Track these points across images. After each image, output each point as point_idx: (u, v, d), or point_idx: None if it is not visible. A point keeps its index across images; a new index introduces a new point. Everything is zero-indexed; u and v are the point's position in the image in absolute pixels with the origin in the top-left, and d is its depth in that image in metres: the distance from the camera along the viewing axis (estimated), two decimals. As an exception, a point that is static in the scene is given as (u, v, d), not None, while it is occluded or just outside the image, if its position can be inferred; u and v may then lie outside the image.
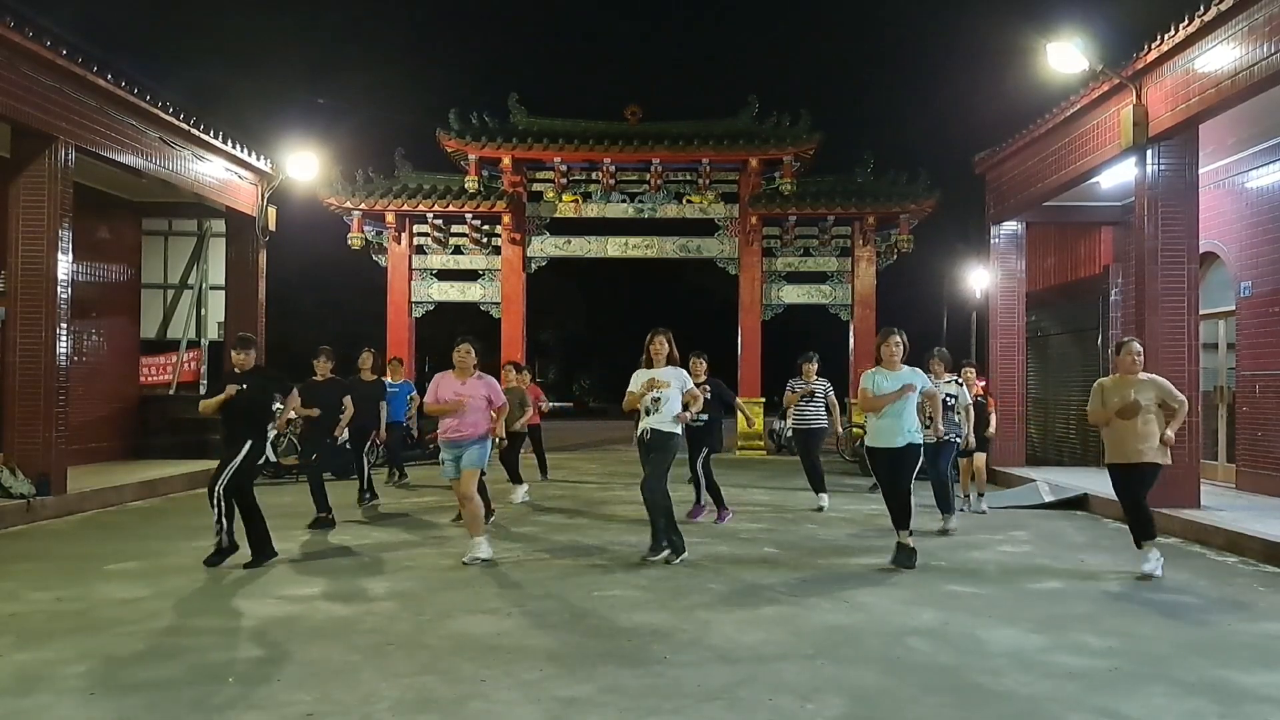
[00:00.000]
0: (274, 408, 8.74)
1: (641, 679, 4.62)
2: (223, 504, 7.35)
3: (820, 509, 10.59)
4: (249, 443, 7.42)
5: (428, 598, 6.32)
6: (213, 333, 16.37)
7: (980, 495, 10.87)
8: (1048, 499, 11.16)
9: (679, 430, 7.72)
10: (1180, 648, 5.25)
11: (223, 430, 7.70)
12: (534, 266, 19.40)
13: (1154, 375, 7.40)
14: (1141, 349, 7.36)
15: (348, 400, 9.91)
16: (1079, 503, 11.03)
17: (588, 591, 6.53)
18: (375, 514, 10.41)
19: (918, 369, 7.72)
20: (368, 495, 10.96)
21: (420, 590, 6.55)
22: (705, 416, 9.43)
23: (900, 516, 7.47)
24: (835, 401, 10.88)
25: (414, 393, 13.58)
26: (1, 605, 6.09)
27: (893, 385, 7.42)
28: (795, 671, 4.76)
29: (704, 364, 9.86)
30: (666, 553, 7.53)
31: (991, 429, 11.54)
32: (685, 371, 7.91)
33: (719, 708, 4.25)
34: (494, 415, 7.85)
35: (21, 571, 7.20)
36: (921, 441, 7.56)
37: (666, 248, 19.37)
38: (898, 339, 7.59)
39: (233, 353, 7.76)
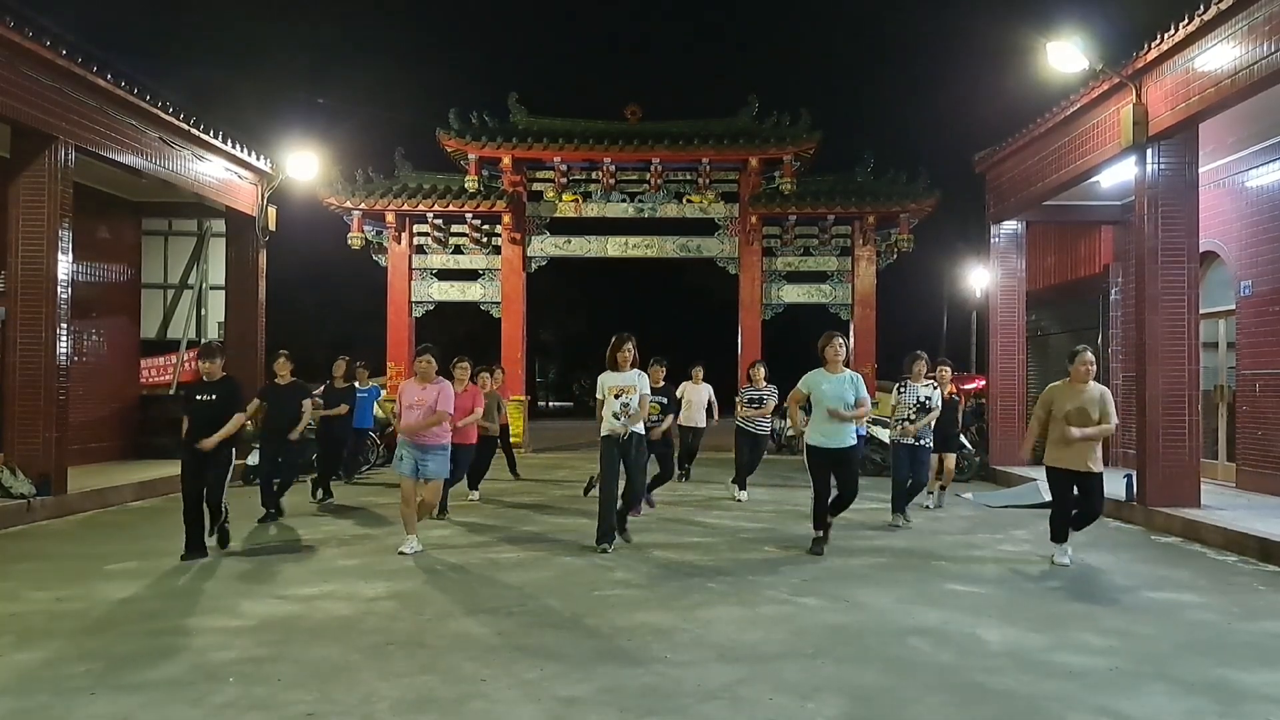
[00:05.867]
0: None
1: (641, 679, 4.62)
2: (226, 509, 7.99)
3: (736, 499, 11.40)
4: (232, 450, 7.88)
5: (428, 598, 6.32)
6: (213, 333, 16.40)
7: (942, 489, 11.02)
8: (1048, 498, 11.11)
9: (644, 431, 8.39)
10: (1180, 647, 5.25)
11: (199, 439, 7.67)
12: (534, 266, 19.41)
13: (1102, 387, 7.60)
14: (1093, 359, 7.57)
15: (307, 404, 9.92)
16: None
17: (588, 591, 6.53)
18: (375, 513, 10.41)
19: (857, 373, 8.14)
20: (320, 495, 11.06)
21: (420, 590, 6.55)
22: (658, 419, 10.22)
23: (839, 508, 8.03)
24: (775, 405, 11.62)
25: (381, 396, 13.89)
26: (1, 605, 6.10)
27: (832, 387, 7.85)
28: (795, 671, 4.76)
29: (663, 371, 10.60)
30: (621, 539, 8.23)
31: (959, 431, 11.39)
32: (646, 375, 8.49)
33: (719, 707, 4.25)
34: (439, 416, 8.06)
35: (21, 571, 7.21)
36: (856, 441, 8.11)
37: (666, 247, 19.37)
38: (839, 341, 8.08)
39: (200, 362, 7.88)
